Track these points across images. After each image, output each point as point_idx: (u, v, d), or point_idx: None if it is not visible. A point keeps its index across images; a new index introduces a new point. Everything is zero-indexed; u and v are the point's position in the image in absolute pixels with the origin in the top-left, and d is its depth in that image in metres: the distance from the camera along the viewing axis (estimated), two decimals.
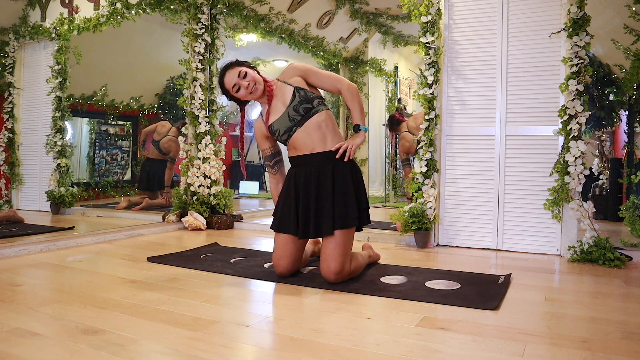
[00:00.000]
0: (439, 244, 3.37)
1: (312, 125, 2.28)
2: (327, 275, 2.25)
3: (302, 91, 2.30)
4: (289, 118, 2.29)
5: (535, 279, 2.45)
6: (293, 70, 2.37)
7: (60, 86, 4.92)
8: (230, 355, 1.46)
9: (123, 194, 6.27)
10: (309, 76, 2.36)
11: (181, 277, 2.40)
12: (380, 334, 1.63)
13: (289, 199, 2.32)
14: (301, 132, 2.29)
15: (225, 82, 2.36)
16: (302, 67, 2.38)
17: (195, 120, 4.16)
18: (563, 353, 1.48)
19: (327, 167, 2.27)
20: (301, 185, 2.30)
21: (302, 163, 2.32)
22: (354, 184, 2.29)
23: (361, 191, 2.32)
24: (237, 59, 2.41)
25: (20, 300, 1.98)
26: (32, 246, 3.00)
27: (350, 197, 2.26)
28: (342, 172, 2.28)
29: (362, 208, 2.30)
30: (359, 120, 2.34)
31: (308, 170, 2.29)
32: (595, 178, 4.94)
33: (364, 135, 2.33)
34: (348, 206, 2.24)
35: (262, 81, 2.36)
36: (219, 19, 4.26)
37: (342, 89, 2.35)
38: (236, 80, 2.32)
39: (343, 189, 2.26)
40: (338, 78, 2.38)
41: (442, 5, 3.35)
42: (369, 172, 6.59)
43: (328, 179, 2.26)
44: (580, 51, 2.87)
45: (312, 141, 2.28)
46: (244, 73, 2.32)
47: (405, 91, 7.56)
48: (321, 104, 2.32)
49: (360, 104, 2.36)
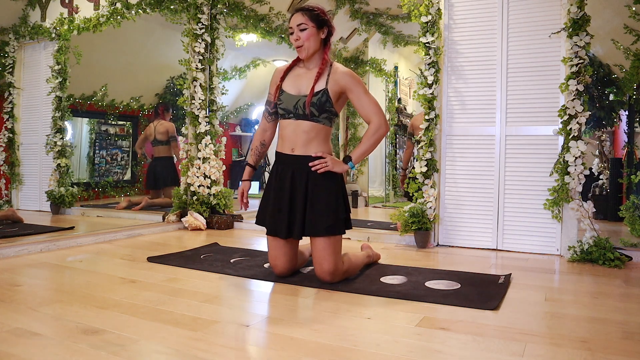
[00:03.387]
0: (439, 244, 3.37)
1: (305, 126, 2.24)
2: (322, 276, 2.25)
3: (325, 97, 2.21)
4: (295, 104, 2.24)
5: (535, 279, 2.45)
6: (344, 76, 2.23)
7: (60, 86, 4.91)
8: (230, 355, 1.46)
9: (123, 194, 6.27)
10: (351, 92, 2.24)
11: (181, 277, 2.40)
12: (380, 334, 1.63)
13: (269, 196, 2.32)
14: (292, 125, 2.25)
15: (291, 18, 2.27)
16: (353, 81, 2.23)
17: (195, 120, 4.16)
18: (563, 353, 1.48)
19: (303, 172, 2.23)
20: (277, 184, 2.28)
21: (282, 161, 2.30)
22: (329, 192, 2.22)
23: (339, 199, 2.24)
24: (312, 8, 2.25)
25: (20, 300, 1.98)
26: (32, 246, 3.00)
27: (322, 206, 2.19)
28: (317, 180, 2.22)
29: (340, 217, 2.22)
30: (357, 156, 2.24)
31: (286, 169, 2.27)
32: (595, 178, 4.94)
33: (345, 168, 2.23)
34: (319, 215, 2.19)
35: (314, 48, 2.23)
36: (219, 19, 4.26)
37: (375, 122, 2.22)
38: (294, 26, 2.23)
39: (316, 196, 2.20)
40: (378, 110, 2.24)
41: (442, 5, 3.35)
42: (369, 172, 6.58)
43: (302, 184, 2.22)
44: (580, 51, 2.87)
45: (295, 139, 2.25)
46: (304, 25, 2.21)
47: (405, 91, 7.56)
48: (327, 119, 2.26)
49: (373, 147, 2.25)
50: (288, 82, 2.30)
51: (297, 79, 2.29)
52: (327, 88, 2.22)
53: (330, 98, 2.22)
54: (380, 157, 6.94)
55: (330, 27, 2.28)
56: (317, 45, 2.25)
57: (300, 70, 2.32)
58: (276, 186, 2.29)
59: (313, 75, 2.25)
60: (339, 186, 2.28)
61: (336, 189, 2.25)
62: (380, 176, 6.97)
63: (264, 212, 2.34)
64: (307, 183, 2.23)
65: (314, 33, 2.22)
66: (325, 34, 2.27)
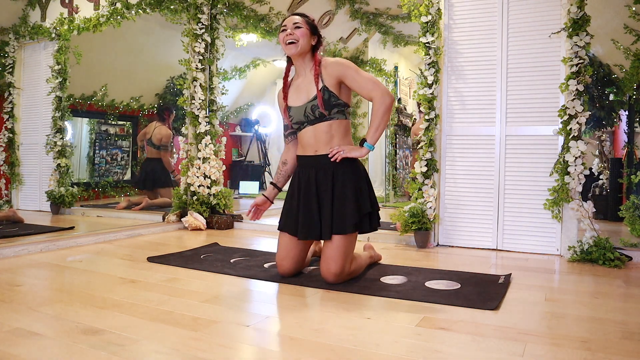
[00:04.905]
0: (439, 244, 3.37)
1: (323, 127, 2.26)
2: (326, 276, 2.25)
3: (327, 94, 2.24)
4: (304, 113, 2.28)
5: (535, 279, 2.45)
6: (334, 65, 2.26)
7: (60, 86, 4.91)
8: (230, 355, 1.46)
9: (123, 194, 6.27)
10: (346, 78, 2.24)
11: (181, 277, 2.40)
12: (380, 334, 1.63)
13: (293, 200, 2.33)
14: (310, 131, 2.29)
15: (284, 20, 2.34)
16: (343, 67, 2.24)
17: (195, 120, 4.16)
18: (563, 353, 1.48)
19: (328, 170, 2.26)
20: (303, 187, 2.30)
21: (305, 164, 2.33)
22: (355, 188, 2.24)
23: (364, 195, 2.26)
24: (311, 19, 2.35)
25: (20, 300, 1.98)
26: (32, 246, 3.00)
27: (348, 203, 2.21)
28: (343, 177, 2.24)
29: (364, 213, 2.25)
30: (370, 135, 2.22)
31: (310, 172, 2.30)
32: (595, 178, 4.94)
33: (364, 152, 2.22)
34: (346, 212, 2.20)
35: (305, 48, 2.28)
36: (219, 19, 4.26)
37: (376, 97, 2.21)
38: (289, 24, 2.29)
39: (342, 194, 2.23)
40: (374, 85, 2.22)
41: (442, 5, 3.35)
42: (369, 172, 6.58)
43: (328, 183, 2.25)
44: (580, 51, 2.87)
45: (316, 142, 2.28)
46: (300, 24, 2.28)
47: (405, 91, 7.56)
48: (339, 113, 2.26)
49: (385, 121, 2.22)
50: (291, 98, 2.35)
51: (297, 90, 2.34)
52: (325, 84, 2.25)
53: (333, 92, 2.25)
54: (380, 157, 6.94)
55: (321, 38, 2.36)
56: (308, 47, 2.30)
57: (297, 82, 2.37)
58: (302, 190, 2.29)
59: (308, 81, 2.30)
60: (364, 181, 2.29)
61: (360, 184, 2.26)
62: (380, 176, 6.97)
63: (288, 217, 2.33)
64: (333, 180, 2.24)
65: (307, 34, 2.29)
66: (315, 41, 2.34)
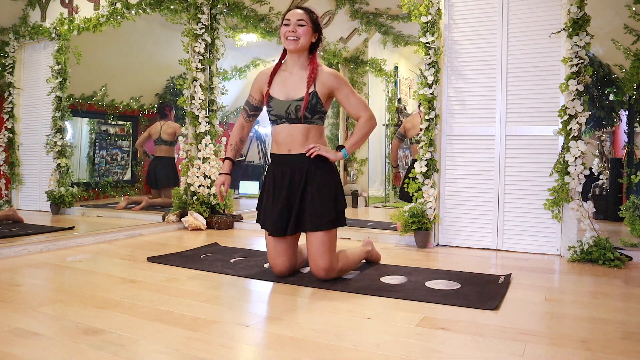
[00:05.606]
0: (439, 244, 3.37)
1: (300, 129, 2.28)
2: (317, 273, 2.28)
3: (315, 100, 2.27)
4: (286, 109, 2.28)
5: (535, 279, 2.45)
6: (330, 77, 2.30)
7: (60, 86, 4.91)
8: (230, 355, 1.46)
9: (123, 194, 6.27)
10: (339, 92, 2.31)
11: (181, 277, 2.40)
12: (380, 334, 1.63)
13: (268, 197, 2.35)
14: (287, 129, 2.29)
15: (288, 12, 2.31)
16: (339, 81, 2.30)
17: (195, 120, 4.16)
18: (563, 353, 1.48)
19: (303, 168, 2.28)
20: (277, 185, 2.32)
21: (279, 162, 2.34)
22: (330, 186, 2.29)
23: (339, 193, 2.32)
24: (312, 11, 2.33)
25: (20, 300, 1.98)
26: (32, 246, 3.00)
27: (325, 201, 2.25)
28: (318, 175, 2.27)
29: (340, 210, 2.31)
30: (349, 146, 2.31)
31: (285, 170, 2.31)
32: (595, 178, 4.94)
33: (338, 156, 2.29)
34: (323, 209, 2.24)
35: (305, 46, 2.28)
36: (219, 19, 4.26)
37: (363, 117, 2.31)
38: (293, 20, 2.27)
39: (318, 191, 2.26)
40: (365, 107, 2.33)
41: (442, 5, 3.35)
42: (369, 172, 6.58)
43: (302, 181, 2.27)
44: (580, 51, 2.87)
45: (292, 142, 2.29)
46: (304, 22, 2.26)
47: (405, 91, 7.56)
48: (319, 119, 2.33)
49: (364, 136, 2.33)
50: (275, 88, 2.34)
51: (283, 83, 2.33)
52: (316, 90, 2.27)
53: (320, 100, 2.28)
54: (380, 157, 6.94)
55: (321, 35, 2.36)
56: (308, 45, 2.31)
57: (284, 74, 2.36)
58: (274, 186, 2.32)
59: (298, 80, 2.30)
60: (337, 181, 2.35)
61: (335, 183, 2.32)
62: (380, 176, 6.97)
63: (263, 213, 2.37)
64: (306, 179, 2.27)
65: (309, 32, 2.28)
66: (316, 39, 2.34)
